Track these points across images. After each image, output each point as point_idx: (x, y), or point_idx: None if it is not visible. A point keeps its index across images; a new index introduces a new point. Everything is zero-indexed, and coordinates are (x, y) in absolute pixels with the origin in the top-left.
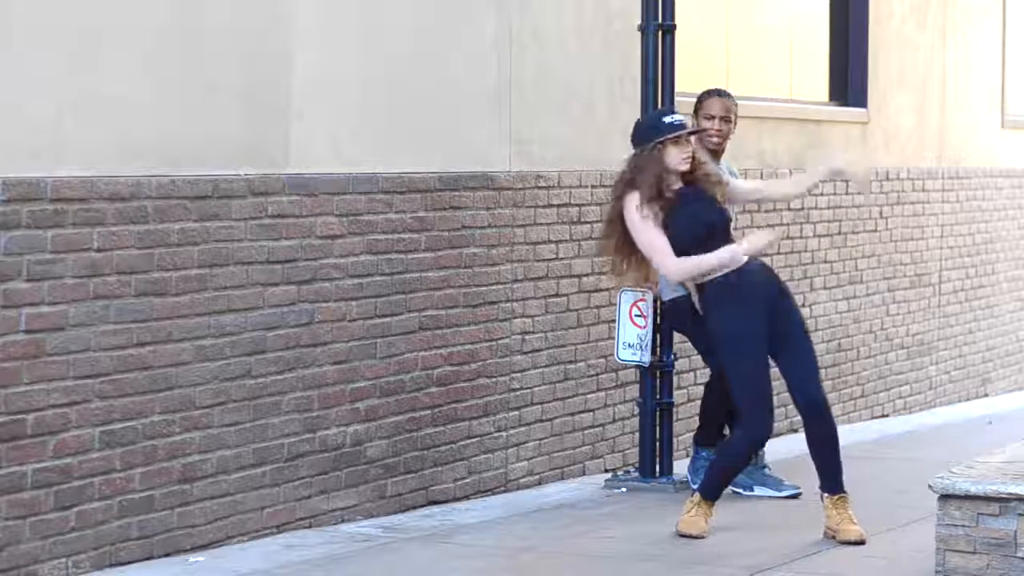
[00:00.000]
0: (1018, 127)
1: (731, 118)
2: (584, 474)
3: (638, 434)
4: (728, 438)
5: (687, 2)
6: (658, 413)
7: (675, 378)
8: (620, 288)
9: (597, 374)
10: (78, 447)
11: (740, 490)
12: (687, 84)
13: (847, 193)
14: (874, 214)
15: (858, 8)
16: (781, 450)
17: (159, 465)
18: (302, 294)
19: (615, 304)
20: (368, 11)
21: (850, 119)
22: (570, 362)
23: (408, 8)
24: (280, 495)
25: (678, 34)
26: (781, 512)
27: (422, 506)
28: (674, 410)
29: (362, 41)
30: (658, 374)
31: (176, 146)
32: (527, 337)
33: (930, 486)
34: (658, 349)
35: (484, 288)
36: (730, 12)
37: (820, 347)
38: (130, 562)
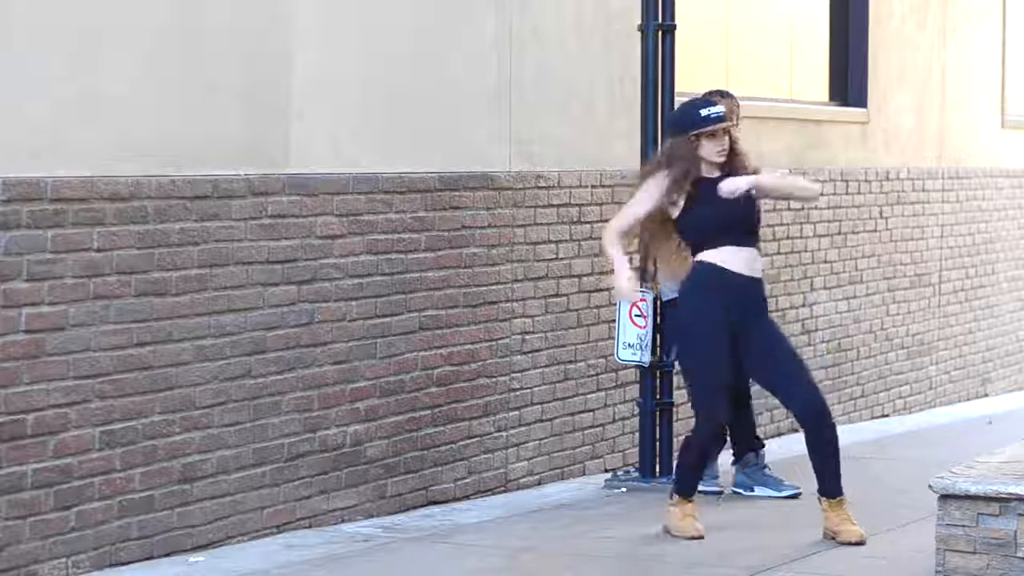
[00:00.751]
0: (1018, 127)
1: (733, 119)
2: (584, 474)
3: (638, 434)
4: (689, 440)
5: (687, 2)
6: (658, 413)
7: (675, 378)
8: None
9: (597, 374)
10: (78, 447)
11: (740, 490)
12: (687, 84)
13: (847, 193)
14: (874, 214)
15: (858, 8)
16: (781, 450)
17: (159, 465)
18: (302, 294)
19: (615, 304)
20: (368, 11)
21: (850, 119)
22: (570, 362)
23: (408, 8)
24: (280, 495)
25: (678, 34)
26: (781, 512)
27: (422, 506)
28: (674, 410)
29: (362, 41)
30: (658, 374)
31: (176, 146)
32: (527, 337)
33: (930, 486)
34: (658, 349)
35: (484, 288)
36: (730, 12)
37: (820, 347)
38: (130, 562)
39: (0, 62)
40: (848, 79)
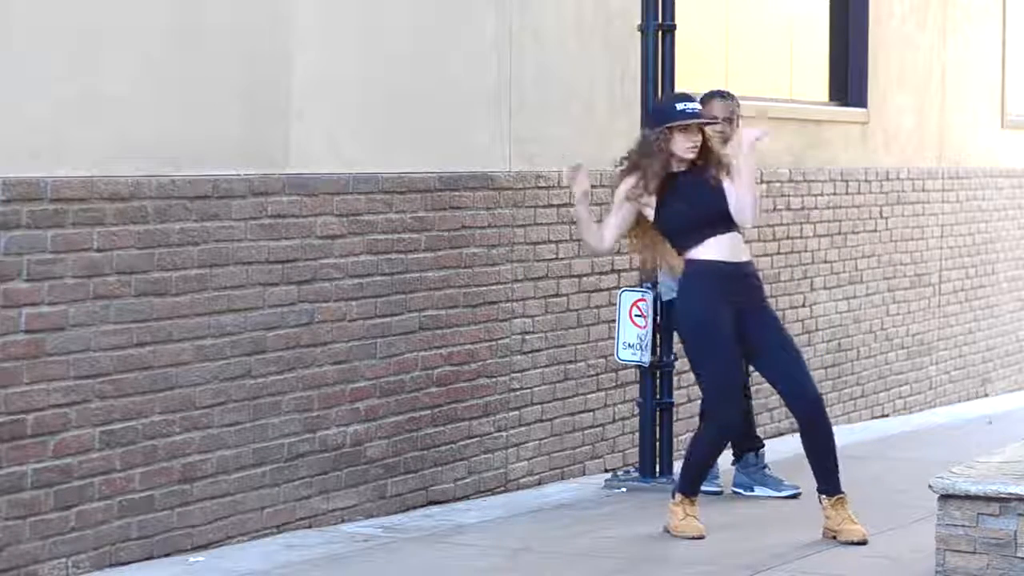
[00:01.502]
0: (1018, 127)
1: (733, 119)
2: (584, 474)
3: (638, 434)
4: (698, 431)
5: (687, 2)
6: (658, 413)
7: (675, 378)
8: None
9: (597, 374)
10: (78, 447)
11: (740, 490)
12: (687, 84)
13: (847, 193)
14: (874, 214)
15: (858, 8)
16: (781, 450)
17: (159, 465)
18: (302, 294)
19: (615, 304)
20: (368, 11)
21: (850, 119)
22: (570, 362)
23: (408, 8)
24: (280, 495)
25: (678, 34)
26: (781, 512)
27: (422, 506)
28: (674, 410)
29: (362, 41)
30: (658, 374)
31: (176, 146)
32: (527, 337)
33: (930, 486)
34: (658, 349)
35: (484, 288)
36: (730, 12)
37: (820, 347)
38: (130, 562)
39: (0, 62)
40: (848, 79)
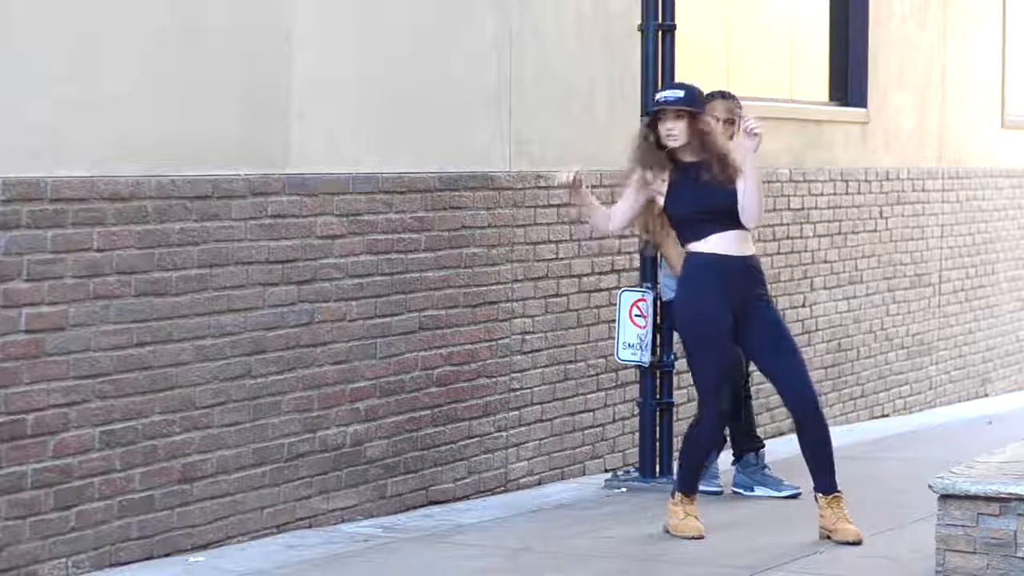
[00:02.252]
0: (1018, 127)
1: (734, 120)
2: (584, 474)
3: (638, 434)
4: (690, 427)
5: (687, 2)
6: (658, 413)
7: (675, 378)
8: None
9: (597, 374)
10: (78, 447)
11: (740, 490)
12: None
13: (847, 193)
14: (874, 214)
15: (858, 8)
16: (781, 450)
17: (159, 465)
18: (302, 294)
19: (615, 304)
20: (368, 11)
21: (850, 119)
22: (570, 362)
23: (408, 8)
24: (280, 495)
25: (678, 34)
26: (781, 512)
27: (422, 506)
28: (674, 410)
29: (362, 41)
30: (658, 374)
31: (176, 146)
32: (527, 337)
33: (930, 486)
34: (658, 349)
35: (484, 288)
36: (730, 12)
37: (820, 347)
38: (130, 562)
39: (0, 62)
40: (848, 79)
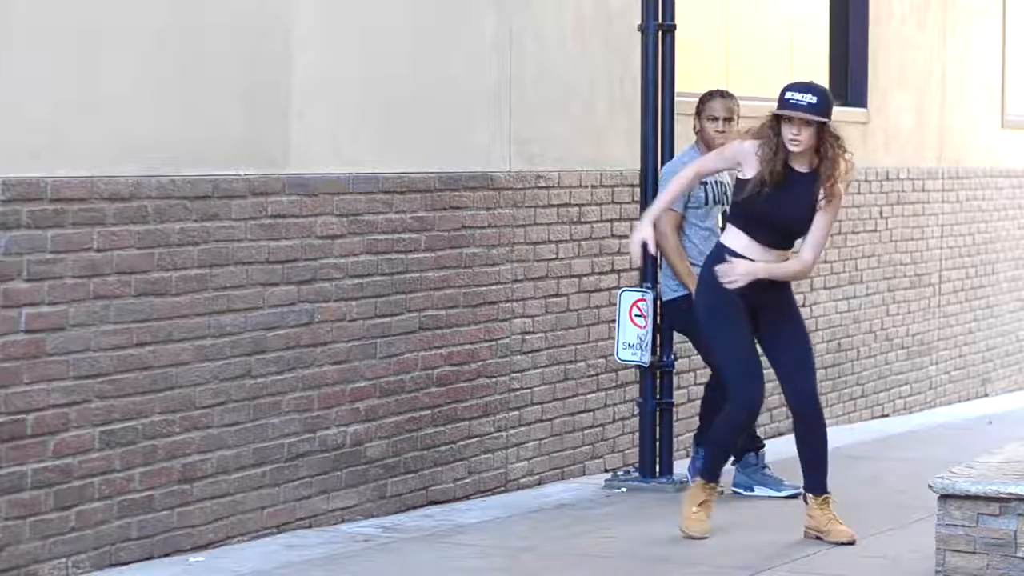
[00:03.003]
0: (1018, 127)
1: (734, 119)
2: (584, 474)
3: (638, 434)
4: (722, 415)
5: (687, 2)
6: (658, 413)
7: (675, 378)
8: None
9: (597, 374)
10: (78, 447)
11: (740, 490)
12: (687, 84)
13: (847, 193)
14: (874, 214)
15: (858, 8)
16: (781, 450)
17: (159, 465)
18: (302, 294)
19: (615, 304)
20: (368, 11)
21: (850, 119)
22: (570, 362)
23: (408, 8)
24: (280, 495)
25: (678, 34)
26: (781, 512)
27: (422, 506)
28: (674, 410)
29: (362, 41)
30: (658, 374)
31: (176, 146)
32: (527, 337)
33: (930, 486)
34: (658, 349)
35: (484, 288)
36: (730, 12)
37: (820, 347)
38: (130, 562)
39: (0, 62)
40: (848, 79)
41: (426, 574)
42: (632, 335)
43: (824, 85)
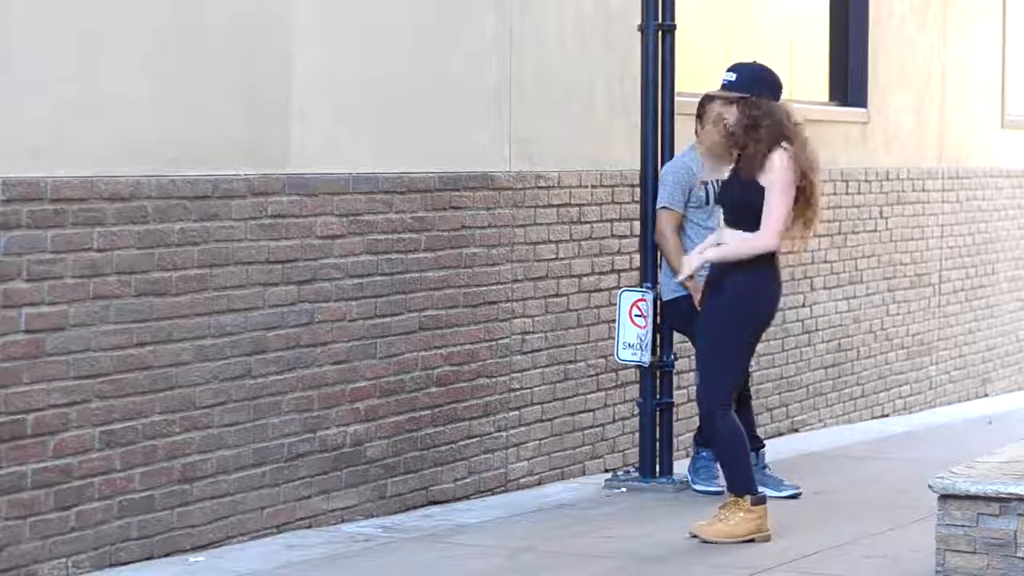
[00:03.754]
0: (1018, 127)
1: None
2: (584, 474)
3: (638, 434)
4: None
5: (687, 2)
6: (658, 413)
7: (675, 378)
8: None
9: (597, 374)
10: (78, 447)
11: None
12: (687, 84)
13: (847, 193)
14: (874, 214)
15: (858, 8)
16: (781, 450)
17: (159, 465)
18: (302, 294)
19: (615, 304)
20: (368, 11)
21: (850, 119)
22: (570, 362)
23: (408, 8)
24: (280, 495)
25: (678, 34)
26: (781, 512)
27: (422, 506)
28: (674, 410)
29: (362, 41)
30: (658, 374)
31: (176, 146)
32: (527, 337)
33: (930, 486)
34: (658, 349)
35: (484, 288)
36: (730, 12)
37: (820, 347)
38: (130, 562)
39: (0, 62)
40: (848, 79)
41: (426, 574)
42: (632, 335)
43: (766, 64)
